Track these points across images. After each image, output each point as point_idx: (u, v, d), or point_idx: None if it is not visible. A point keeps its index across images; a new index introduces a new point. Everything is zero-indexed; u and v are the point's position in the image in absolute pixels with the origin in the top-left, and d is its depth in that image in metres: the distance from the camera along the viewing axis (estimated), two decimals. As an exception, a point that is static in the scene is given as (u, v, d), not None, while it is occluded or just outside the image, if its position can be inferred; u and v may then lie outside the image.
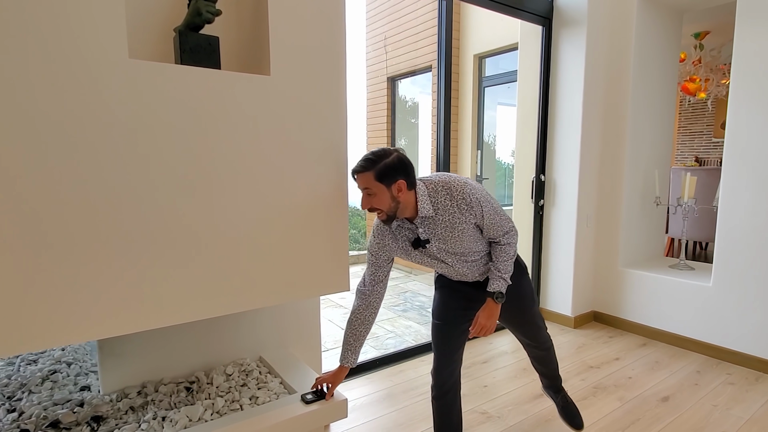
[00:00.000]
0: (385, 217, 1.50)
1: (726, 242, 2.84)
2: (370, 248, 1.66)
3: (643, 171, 3.52)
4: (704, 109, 7.18)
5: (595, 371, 2.74)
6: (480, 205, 1.52)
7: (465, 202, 1.50)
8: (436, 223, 1.52)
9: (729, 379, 2.65)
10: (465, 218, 1.51)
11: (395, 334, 3.39)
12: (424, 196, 1.49)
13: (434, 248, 1.57)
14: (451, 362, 1.74)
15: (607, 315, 3.52)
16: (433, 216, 1.51)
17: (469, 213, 1.51)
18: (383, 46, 6.07)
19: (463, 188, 1.50)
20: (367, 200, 1.45)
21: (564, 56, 3.37)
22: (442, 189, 1.51)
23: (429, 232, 1.54)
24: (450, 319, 1.73)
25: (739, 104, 2.74)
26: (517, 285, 1.71)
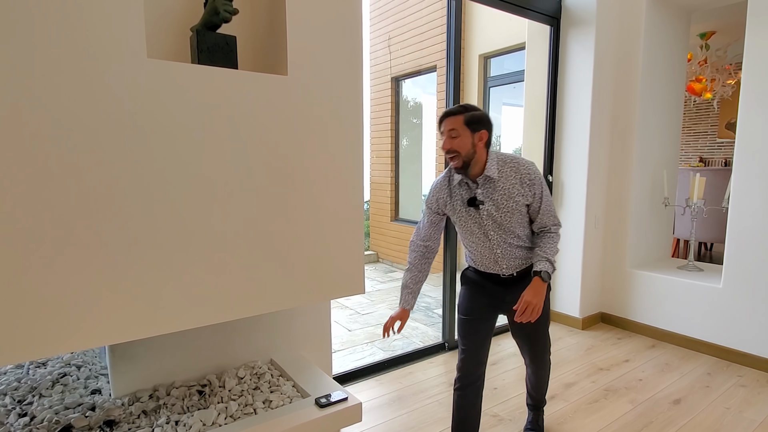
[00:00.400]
0: (461, 164, 1.59)
1: (737, 243, 2.83)
2: (428, 203, 1.80)
3: (652, 171, 3.51)
4: (708, 110, 7.16)
5: (605, 373, 2.72)
6: (541, 187, 1.63)
7: (529, 177, 1.61)
8: (495, 188, 1.62)
9: (740, 381, 2.63)
10: (523, 193, 1.62)
11: (402, 335, 3.37)
12: (493, 160, 1.62)
13: (485, 213, 1.64)
14: (477, 356, 1.76)
15: (614, 316, 3.50)
16: (496, 180, 1.62)
17: (528, 189, 1.62)
18: (387, 46, 6.05)
19: (529, 166, 1.63)
20: (449, 141, 1.57)
21: (572, 56, 3.35)
22: (510, 161, 1.64)
23: (486, 194, 1.63)
24: (476, 314, 1.76)
25: (750, 104, 2.72)
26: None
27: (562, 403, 2.38)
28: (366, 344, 3.20)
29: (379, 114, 6.37)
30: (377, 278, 5.48)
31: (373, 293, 4.60)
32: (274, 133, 1.32)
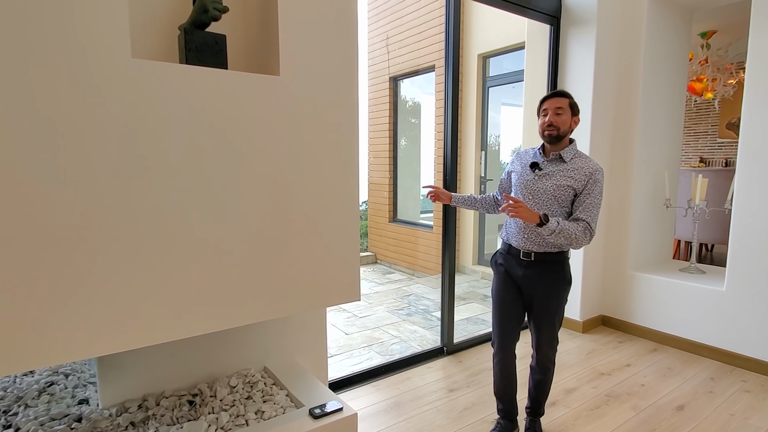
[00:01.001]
0: (556, 134, 1.82)
1: (740, 245, 2.78)
2: (509, 165, 2.08)
3: (653, 172, 3.46)
4: (709, 110, 7.12)
5: (606, 378, 2.67)
6: (596, 187, 1.79)
7: (592, 174, 1.79)
8: (559, 168, 1.84)
9: (744, 386, 2.59)
10: (579, 180, 1.79)
11: (400, 339, 3.32)
12: (573, 150, 1.86)
13: (537, 179, 1.86)
14: (506, 334, 2.01)
15: (616, 319, 3.46)
16: (565, 162, 1.83)
17: (585, 180, 1.79)
18: (385, 46, 6.00)
19: (599, 168, 1.82)
20: (555, 117, 1.81)
21: (572, 56, 3.30)
22: (586, 157, 1.85)
23: (550, 167, 1.85)
24: (502, 296, 1.98)
25: (754, 104, 2.68)
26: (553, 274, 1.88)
27: (563, 410, 2.33)
28: (363, 348, 3.15)
29: (377, 114, 6.32)
30: (375, 280, 5.44)
31: (371, 296, 4.55)
32: (266, 136, 1.27)
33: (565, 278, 1.91)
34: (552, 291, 1.90)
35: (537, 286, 1.89)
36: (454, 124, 2.87)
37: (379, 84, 6.24)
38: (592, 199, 1.78)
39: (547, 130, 1.83)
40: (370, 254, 6.67)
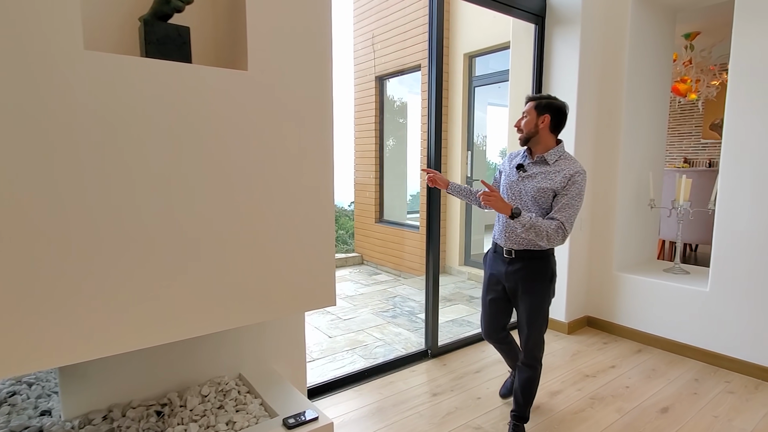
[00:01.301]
0: (522, 136, 1.91)
1: (724, 246, 2.78)
2: (500, 165, 2.16)
3: (637, 173, 3.46)
4: (693, 110, 7.19)
5: (591, 380, 2.65)
6: (575, 188, 1.81)
7: (572, 176, 1.81)
8: (542, 168, 1.88)
9: (728, 387, 2.58)
10: (556, 183, 1.82)
11: (384, 342, 3.27)
12: (559, 152, 1.89)
13: (521, 180, 1.93)
14: (492, 325, 2.16)
15: (601, 320, 3.44)
16: (549, 165, 1.87)
17: (565, 182, 1.81)
18: (371, 45, 5.95)
19: (580, 171, 1.83)
20: (519, 122, 1.91)
21: (557, 55, 3.28)
22: (570, 159, 1.88)
23: (534, 168, 1.90)
24: (489, 292, 2.10)
25: (737, 104, 2.68)
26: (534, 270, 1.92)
27: (547, 413, 2.30)
28: (346, 351, 3.09)
29: (363, 114, 6.27)
30: (361, 281, 5.38)
31: (355, 297, 4.49)
32: (234, 133, 1.20)
33: (546, 276, 1.93)
34: (532, 288, 1.93)
35: (519, 283, 1.94)
36: (438, 124, 2.83)
37: (365, 83, 6.18)
38: (568, 200, 1.81)
39: (517, 134, 1.96)
40: (357, 255, 6.61)
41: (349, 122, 6.61)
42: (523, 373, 2.02)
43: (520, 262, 1.93)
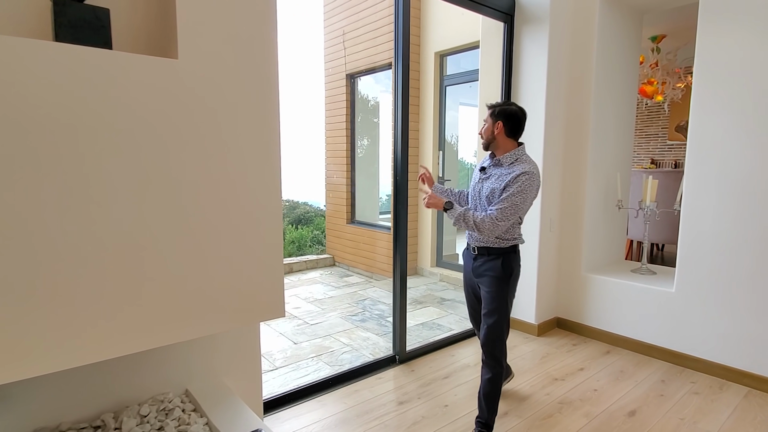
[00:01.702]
0: (483, 141, 2.03)
1: (689, 247, 2.78)
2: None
3: (605, 174, 3.45)
4: (659, 112, 7.33)
5: (560, 384, 2.61)
6: (514, 183, 1.87)
7: (516, 174, 1.88)
8: (498, 170, 1.97)
9: (694, 388, 2.58)
10: (503, 182, 1.90)
11: (351, 347, 3.16)
12: (516, 155, 1.97)
13: (481, 180, 2.04)
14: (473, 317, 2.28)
15: (570, 321, 3.43)
16: (503, 167, 1.96)
17: (508, 180, 1.89)
18: (341, 42, 5.83)
19: (527, 170, 1.89)
20: (480, 129, 2.04)
21: (526, 54, 3.24)
22: (525, 164, 1.93)
23: (492, 170, 2.00)
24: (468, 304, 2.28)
25: (702, 106, 2.68)
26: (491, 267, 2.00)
27: (515, 420, 2.24)
28: (311, 359, 2.97)
29: (334, 113, 6.14)
30: (332, 283, 5.26)
31: (324, 301, 4.37)
32: (163, 131, 1.08)
33: (504, 273, 1.99)
34: (490, 283, 2.01)
35: (480, 278, 2.05)
36: (405, 124, 2.74)
37: (335, 81, 6.06)
38: (507, 195, 1.88)
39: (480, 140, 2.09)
40: (328, 256, 6.48)
41: (320, 121, 6.47)
42: (484, 373, 2.02)
43: (482, 258, 2.04)
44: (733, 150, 2.58)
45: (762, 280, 2.52)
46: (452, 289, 4.69)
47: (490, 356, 2.00)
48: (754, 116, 2.50)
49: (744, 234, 2.56)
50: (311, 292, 4.80)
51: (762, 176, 2.49)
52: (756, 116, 2.49)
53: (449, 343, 3.17)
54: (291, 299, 4.42)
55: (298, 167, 13.10)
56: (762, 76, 2.46)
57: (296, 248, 14.04)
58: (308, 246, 11.84)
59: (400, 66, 2.69)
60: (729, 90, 2.57)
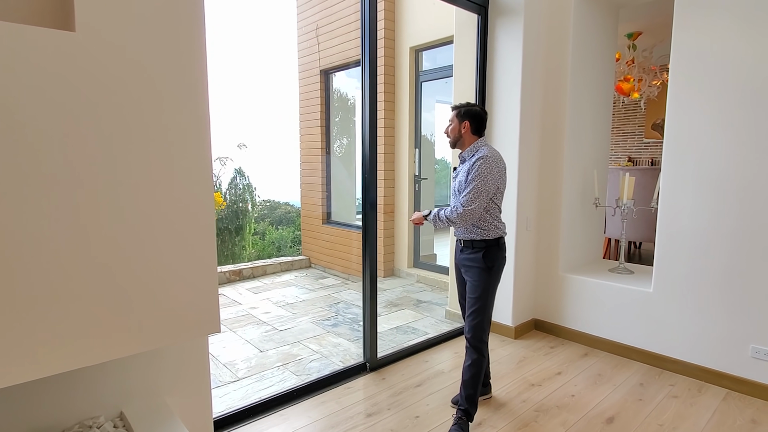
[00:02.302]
0: (450, 141, 2.18)
1: (666, 246, 2.71)
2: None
3: (582, 171, 3.37)
4: (636, 110, 7.35)
5: (536, 390, 2.50)
6: (476, 175, 1.99)
7: (476, 165, 2.01)
8: (464, 165, 2.10)
9: (672, 391, 2.50)
10: (466, 174, 2.03)
11: (321, 354, 3.00)
12: (475, 148, 2.09)
13: (453, 179, 2.18)
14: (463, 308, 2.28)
15: (548, 323, 3.33)
16: (467, 161, 2.09)
17: (471, 171, 2.02)
18: (315, 37, 5.66)
19: (486, 159, 2.01)
20: (446, 129, 2.18)
21: (501, 48, 3.13)
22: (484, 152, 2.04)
23: (460, 167, 2.14)
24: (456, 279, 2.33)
25: (678, 101, 2.61)
26: (474, 258, 2.10)
27: (489, 430, 2.12)
28: (277, 368, 2.80)
29: (309, 109, 5.97)
30: (306, 285, 5.09)
31: (296, 305, 4.20)
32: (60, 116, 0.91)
33: (485, 264, 2.08)
34: (472, 274, 2.11)
35: (465, 269, 2.16)
36: (373, 123, 2.61)
37: (309, 77, 5.88)
38: (468, 181, 2.02)
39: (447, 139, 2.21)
40: (304, 258, 6.30)
41: (294, 118, 6.29)
42: (468, 356, 2.11)
43: (467, 250, 2.14)
44: (711, 146, 2.51)
45: (736, 278, 2.45)
46: (429, 291, 4.57)
47: (475, 339, 2.10)
48: (732, 112, 2.43)
49: (720, 232, 2.50)
50: (284, 295, 4.63)
51: (739, 172, 2.42)
52: (733, 112, 2.43)
53: (423, 348, 3.04)
54: (262, 303, 4.24)
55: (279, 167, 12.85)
56: (739, 70, 2.39)
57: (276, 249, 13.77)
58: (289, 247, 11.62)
59: (368, 64, 2.55)
60: (706, 85, 2.50)
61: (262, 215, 14.99)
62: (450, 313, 3.67)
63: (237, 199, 12.49)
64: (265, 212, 15.45)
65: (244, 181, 13.10)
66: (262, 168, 17.34)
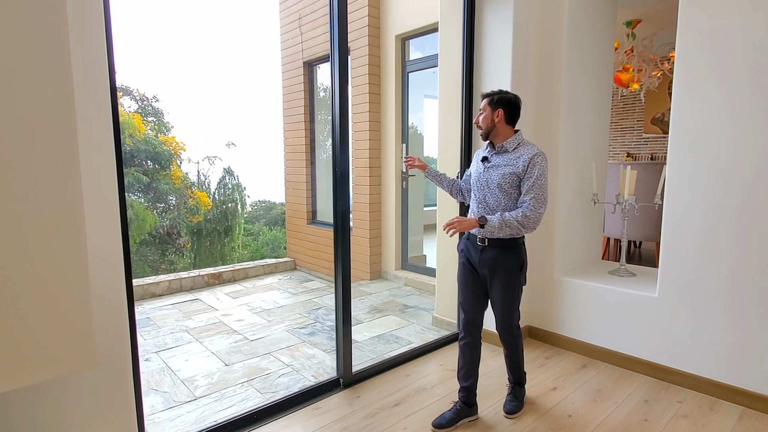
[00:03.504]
0: (482, 131, 2.03)
1: (672, 246, 2.43)
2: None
3: (580, 166, 3.10)
4: (635, 104, 7.09)
5: (529, 409, 2.23)
6: (539, 170, 1.90)
7: (533, 159, 1.91)
8: (504, 157, 1.98)
9: (681, 409, 2.23)
10: (518, 168, 1.92)
11: (292, 368, 2.72)
12: (517, 140, 1.99)
13: (487, 170, 2.02)
14: (474, 318, 2.14)
15: (543, 330, 3.06)
16: (509, 152, 1.98)
17: (523, 165, 1.91)
18: (298, 27, 5.37)
19: (540, 153, 1.93)
20: (477, 118, 2.03)
21: (489, 31, 2.85)
22: (528, 144, 1.98)
23: (497, 158, 2.00)
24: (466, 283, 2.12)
25: (685, 89, 2.33)
26: (504, 259, 1.99)
27: (474, 460, 1.84)
28: (241, 384, 2.52)
29: (292, 104, 5.68)
30: (289, 289, 4.80)
31: (273, 311, 3.92)
32: None
33: (517, 264, 2.01)
34: (504, 275, 2.00)
35: (491, 270, 2.01)
36: (343, 123, 2.33)
37: (293, 70, 5.60)
38: (533, 181, 1.90)
39: (478, 130, 2.06)
40: (289, 260, 6.02)
41: (277, 113, 6.00)
42: (506, 346, 2.18)
43: (492, 249, 2.00)
44: (722, 136, 2.23)
45: (751, 282, 2.18)
46: (417, 295, 4.29)
47: (509, 334, 2.13)
48: (744, 96, 2.16)
49: (732, 230, 2.22)
50: (264, 300, 4.35)
51: (753, 165, 2.15)
52: (745, 96, 2.15)
53: (406, 359, 2.76)
54: (237, 310, 3.96)
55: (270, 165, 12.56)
56: (752, 50, 2.12)
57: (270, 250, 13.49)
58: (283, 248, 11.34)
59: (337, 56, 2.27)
60: (715, 66, 2.23)
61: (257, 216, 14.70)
62: (437, 320, 3.39)
63: (226, 199, 12.19)
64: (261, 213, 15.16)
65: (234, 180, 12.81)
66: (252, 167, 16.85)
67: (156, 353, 2.97)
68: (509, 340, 2.16)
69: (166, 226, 8.66)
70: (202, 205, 9.35)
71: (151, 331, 3.40)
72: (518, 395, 2.26)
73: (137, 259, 7.68)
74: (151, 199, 8.37)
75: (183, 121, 11.26)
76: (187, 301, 4.40)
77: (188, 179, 9.89)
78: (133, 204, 7.33)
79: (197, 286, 5.01)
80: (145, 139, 8.08)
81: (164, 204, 8.83)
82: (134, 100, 10.90)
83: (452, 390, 2.40)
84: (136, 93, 11.02)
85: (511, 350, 2.19)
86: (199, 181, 11.30)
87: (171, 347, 3.07)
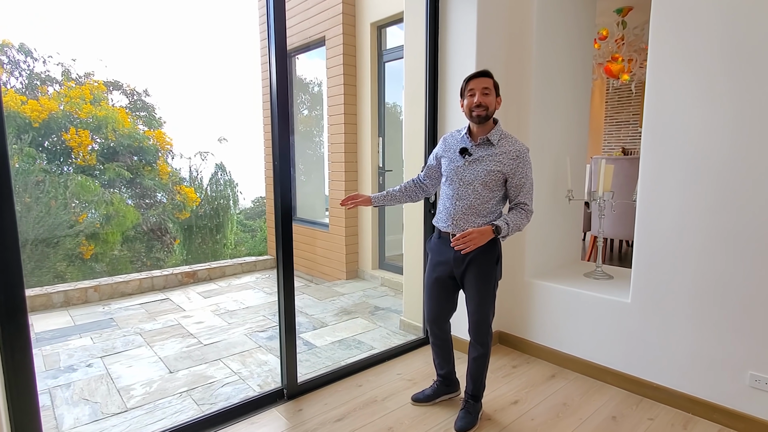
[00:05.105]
0: (485, 114, 1.82)
1: (646, 248, 2.23)
2: (436, 149, 2.06)
3: (554, 159, 2.89)
4: (630, 97, 6.84)
5: (484, 425, 2.04)
6: (525, 167, 1.84)
7: (518, 154, 1.83)
8: (488, 151, 1.84)
9: (652, 427, 2.03)
10: (505, 166, 1.82)
11: (239, 377, 2.55)
12: (499, 132, 1.87)
13: (467, 165, 1.87)
14: (439, 316, 2.08)
15: (513, 336, 2.86)
16: (493, 146, 1.85)
17: (511, 163, 1.82)
18: (274, 16, 5.17)
19: (524, 147, 1.85)
20: (483, 98, 1.81)
21: (453, 17, 2.65)
22: (511, 137, 1.87)
23: (479, 151, 1.86)
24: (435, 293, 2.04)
25: (658, 64, 2.11)
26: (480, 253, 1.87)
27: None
28: (179, 395, 2.35)
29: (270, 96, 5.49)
30: (265, 288, 4.64)
31: (237, 312, 3.74)
32: None
33: (493, 259, 1.91)
34: (481, 272, 1.90)
35: (467, 267, 1.91)
36: (283, 109, 2.14)
37: (271, 62, 5.40)
38: (526, 180, 1.85)
39: (476, 110, 1.82)
40: (270, 258, 5.85)
41: (257, 106, 5.82)
42: (473, 351, 2.01)
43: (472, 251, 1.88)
44: (701, 125, 2.02)
45: (733, 289, 1.97)
46: (392, 296, 4.10)
47: (483, 335, 1.98)
48: (723, 75, 1.94)
49: (713, 231, 2.01)
50: (235, 299, 4.19)
51: (737, 158, 1.93)
52: (726, 75, 1.93)
53: (362, 368, 2.58)
54: (200, 312, 3.79)
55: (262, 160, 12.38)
56: (732, 23, 1.90)
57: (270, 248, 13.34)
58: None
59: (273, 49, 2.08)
60: (691, 40, 2.01)
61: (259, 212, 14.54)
62: (405, 324, 3.20)
63: (218, 195, 12.03)
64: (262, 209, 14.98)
65: (226, 176, 12.64)
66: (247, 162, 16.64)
67: (100, 358, 2.81)
68: (480, 342, 1.99)
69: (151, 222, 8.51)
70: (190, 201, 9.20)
71: (103, 334, 3.24)
72: (472, 410, 2.05)
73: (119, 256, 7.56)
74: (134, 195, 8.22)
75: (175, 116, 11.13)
76: (156, 300, 4.24)
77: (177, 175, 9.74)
78: (113, 200, 7.18)
79: (170, 284, 4.86)
80: (129, 133, 7.92)
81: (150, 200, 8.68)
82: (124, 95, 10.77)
83: (404, 403, 2.22)
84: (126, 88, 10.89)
85: (478, 354, 2.00)
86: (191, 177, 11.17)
87: (118, 351, 2.91)
